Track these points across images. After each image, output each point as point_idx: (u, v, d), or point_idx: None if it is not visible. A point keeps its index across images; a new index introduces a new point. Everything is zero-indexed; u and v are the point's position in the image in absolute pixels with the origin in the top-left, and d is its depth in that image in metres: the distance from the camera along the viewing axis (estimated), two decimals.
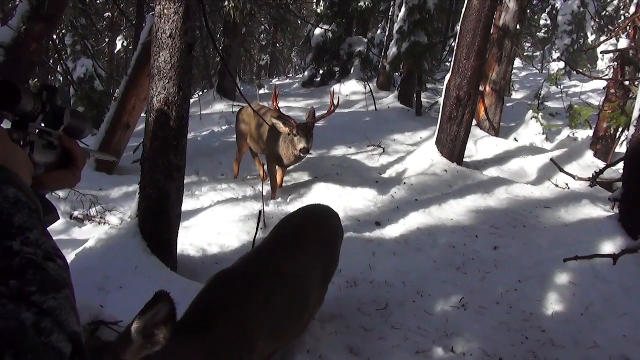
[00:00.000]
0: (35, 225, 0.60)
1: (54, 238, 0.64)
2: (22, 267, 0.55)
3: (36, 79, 11.71)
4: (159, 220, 3.37)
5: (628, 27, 6.40)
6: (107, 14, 17.38)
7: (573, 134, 8.14)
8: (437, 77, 11.50)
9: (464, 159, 6.02)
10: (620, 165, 4.29)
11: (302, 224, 2.64)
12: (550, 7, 20.65)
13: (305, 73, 14.90)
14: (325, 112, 5.05)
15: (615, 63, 6.82)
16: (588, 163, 6.14)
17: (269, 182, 5.27)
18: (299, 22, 17.88)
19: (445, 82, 5.85)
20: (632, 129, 3.92)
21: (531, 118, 8.53)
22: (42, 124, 0.88)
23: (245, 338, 1.90)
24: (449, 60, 9.91)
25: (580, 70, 11.31)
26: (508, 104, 9.93)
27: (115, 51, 19.65)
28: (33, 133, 0.83)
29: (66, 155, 0.92)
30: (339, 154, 6.76)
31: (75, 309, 0.58)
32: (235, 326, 1.86)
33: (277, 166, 5.20)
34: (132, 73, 6.05)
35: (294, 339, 2.55)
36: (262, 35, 23.53)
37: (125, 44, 19.21)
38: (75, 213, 4.73)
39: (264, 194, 4.84)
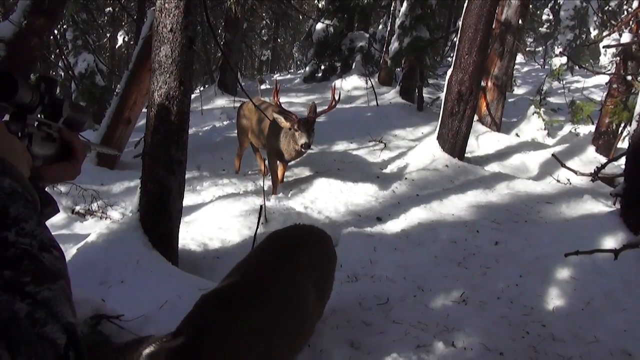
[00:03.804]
0: (31, 217, 0.60)
1: (55, 233, 0.63)
2: (17, 257, 0.55)
3: (37, 74, 11.70)
4: (160, 215, 3.37)
5: (631, 22, 6.37)
6: (109, 9, 17.36)
7: (575, 129, 8.10)
8: (438, 72, 11.45)
9: (466, 155, 6.00)
10: (622, 160, 4.28)
11: (294, 245, 2.45)
12: (552, 2, 20.58)
13: (307, 68, 14.85)
14: (327, 107, 5.03)
15: (618, 58, 6.77)
16: (590, 158, 6.12)
17: (270, 177, 5.27)
18: (301, 17, 17.85)
19: (447, 77, 5.83)
20: (634, 124, 3.91)
21: (533, 114, 8.49)
22: (42, 116, 0.87)
23: None
24: (451, 55, 9.85)
25: (583, 66, 11.29)
26: (510, 100, 9.90)
27: (116, 46, 19.64)
28: (32, 125, 0.83)
29: (66, 148, 0.91)
30: (340, 149, 6.76)
31: (71, 300, 0.58)
32: (220, 356, 1.74)
33: (278, 161, 5.20)
34: (133, 68, 6.04)
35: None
36: (263, 31, 23.49)
37: (126, 39, 19.18)
38: (77, 208, 4.74)
39: (265, 189, 4.84)
